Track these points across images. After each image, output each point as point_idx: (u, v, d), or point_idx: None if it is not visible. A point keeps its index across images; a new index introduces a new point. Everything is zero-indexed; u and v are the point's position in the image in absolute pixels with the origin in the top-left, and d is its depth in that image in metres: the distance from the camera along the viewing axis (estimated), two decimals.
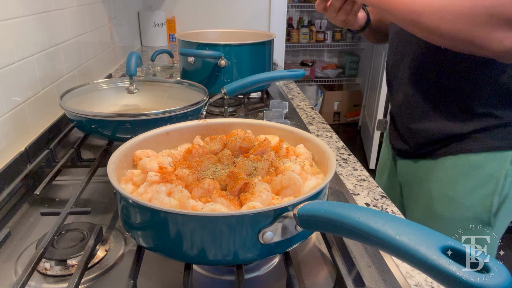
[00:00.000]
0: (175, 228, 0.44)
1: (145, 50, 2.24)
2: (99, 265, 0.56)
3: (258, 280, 0.55)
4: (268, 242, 0.45)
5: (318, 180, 0.54)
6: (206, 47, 1.14)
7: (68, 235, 0.60)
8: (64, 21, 1.11)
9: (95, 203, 0.71)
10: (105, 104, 0.92)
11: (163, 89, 1.02)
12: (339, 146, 0.97)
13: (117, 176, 0.54)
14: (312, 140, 0.63)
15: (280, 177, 0.52)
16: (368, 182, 0.80)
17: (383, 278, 0.53)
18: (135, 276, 0.48)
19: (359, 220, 0.33)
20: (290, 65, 3.91)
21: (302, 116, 1.17)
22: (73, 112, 0.80)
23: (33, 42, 0.92)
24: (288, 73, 0.92)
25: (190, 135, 0.69)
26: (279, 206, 0.44)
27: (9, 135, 0.80)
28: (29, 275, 0.49)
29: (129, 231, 0.50)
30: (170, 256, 0.48)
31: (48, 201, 0.72)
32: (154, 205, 0.45)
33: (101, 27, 1.49)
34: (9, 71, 0.81)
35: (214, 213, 0.45)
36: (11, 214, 0.68)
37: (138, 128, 0.78)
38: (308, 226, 0.40)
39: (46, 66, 0.99)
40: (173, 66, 1.72)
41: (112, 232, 0.63)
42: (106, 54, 1.54)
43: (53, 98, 1.01)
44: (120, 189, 0.47)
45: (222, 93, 0.90)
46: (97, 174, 0.75)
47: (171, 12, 2.55)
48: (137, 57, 0.92)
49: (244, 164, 0.56)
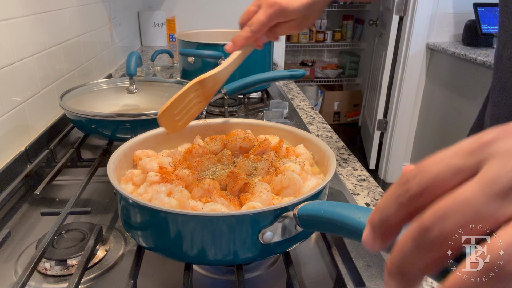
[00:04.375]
0: (175, 228, 0.44)
1: (145, 50, 2.24)
2: (99, 265, 0.56)
3: (258, 280, 0.55)
4: (268, 242, 0.45)
5: (318, 180, 0.54)
6: (206, 47, 1.14)
7: (68, 235, 0.60)
8: (64, 21, 1.11)
9: (95, 203, 0.71)
10: (105, 104, 0.92)
11: (163, 89, 1.02)
12: (339, 146, 0.97)
13: (117, 176, 0.54)
14: (312, 140, 0.63)
15: (280, 177, 0.52)
16: (368, 182, 0.80)
17: (383, 278, 0.53)
18: (135, 276, 0.48)
19: (359, 220, 0.33)
20: (290, 65, 3.91)
21: (302, 116, 1.17)
22: (73, 112, 0.80)
23: (33, 42, 0.92)
24: (288, 73, 0.92)
25: (190, 135, 0.69)
26: (279, 206, 0.44)
27: (9, 135, 0.80)
28: (29, 275, 0.49)
29: (129, 231, 0.50)
30: (170, 256, 0.48)
31: (48, 201, 0.72)
32: (154, 205, 0.45)
33: (101, 27, 1.49)
34: (9, 71, 0.81)
35: (214, 213, 0.45)
36: (11, 214, 0.68)
37: (138, 128, 0.78)
38: (308, 226, 0.40)
39: (46, 66, 0.99)
40: (173, 66, 1.72)
41: (112, 232, 0.63)
42: (106, 54, 1.54)
43: (53, 98, 1.01)
44: (120, 189, 0.47)
45: (222, 93, 0.90)
46: (97, 174, 0.75)
47: (171, 12, 2.55)
48: (137, 57, 0.92)
49: (244, 164, 0.56)
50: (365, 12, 3.83)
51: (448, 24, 2.57)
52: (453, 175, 0.22)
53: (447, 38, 2.60)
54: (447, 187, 0.22)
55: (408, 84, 2.71)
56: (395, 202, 0.23)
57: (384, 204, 0.24)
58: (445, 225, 0.20)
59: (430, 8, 2.53)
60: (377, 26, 3.29)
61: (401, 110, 2.78)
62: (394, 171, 2.93)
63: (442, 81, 2.52)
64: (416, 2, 2.51)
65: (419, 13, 2.53)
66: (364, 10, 3.83)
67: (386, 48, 2.76)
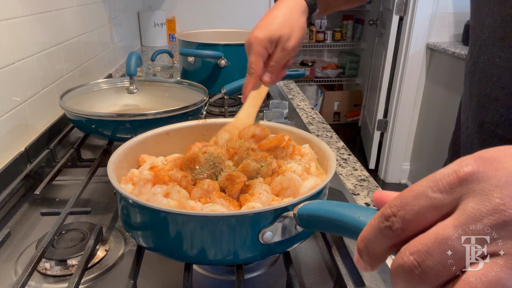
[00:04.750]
0: (175, 228, 0.44)
1: (145, 50, 2.24)
2: (99, 265, 0.56)
3: (258, 280, 0.55)
4: (268, 242, 0.44)
5: (317, 180, 0.53)
6: (206, 47, 1.14)
7: (68, 235, 0.59)
8: (64, 21, 1.11)
9: (95, 203, 0.71)
10: (105, 104, 0.92)
11: (163, 89, 1.02)
12: (339, 146, 0.97)
13: (117, 176, 0.54)
14: (312, 140, 0.63)
15: (280, 178, 0.52)
16: (368, 182, 0.80)
17: (383, 278, 0.53)
18: (135, 276, 0.48)
19: (359, 220, 0.32)
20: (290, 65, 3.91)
21: (302, 116, 1.17)
22: (73, 112, 0.80)
23: (33, 42, 0.92)
24: (288, 73, 0.92)
25: (190, 135, 0.69)
26: (279, 206, 0.44)
27: (9, 135, 0.80)
28: (29, 275, 0.49)
29: (129, 231, 0.50)
30: (170, 256, 0.48)
31: (48, 201, 0.72)
32: (155, 205, 0.45)
33: (101, 27, 1.49)
34: (9, 71, 0.81)
35: (214, 213, 0.45)
36: (11, 214, 0.68)
37: (138, 128, 0.78)
38: (308, 226, 0.40)
39: (46, 66, 0.99)
40: (173, 66, 1.72)
41: (112, 232, 0.63)
42: (106, 54, 1.54)
43: (53, 98, 1.01)
44: (120, 189, 0.47)
45: (222, 93, 0.90)
46: (97, 174, 0.75)
47: (171, 12, 2.56)
48: (137, 57, 0.92)
49: (248, 166, 0.54)
50: (365, 12, 3.83)
51: (448, 24, 2.57)
52: (433, 212, 0.23)
53: (447, 38, 2.60)
54: (428, 223, 0.24)
55: (408, 84, 2.71)
56: (380, 234, 0.25)
57: (368, 235, 0.26)
58: (426, 265, 0.22)
59: (430, 8, 2.53)
60: (377, 26, 3.29)
61: (401, 110, 2.78)
62: (394, 171, 2.93)
63: (442, 81, 2.52)
64: (416, 2, 2.51)
65: (419, 13, 2.53)
66: (364, 10, 3.83)
67: (386, 48, 2.76)
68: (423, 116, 2.77)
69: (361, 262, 0.27)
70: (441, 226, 0.22)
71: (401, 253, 0.23)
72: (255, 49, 0.66)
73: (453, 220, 0.22)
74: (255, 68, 0.67)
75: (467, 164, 0.23)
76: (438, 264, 0.22)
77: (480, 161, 0.23)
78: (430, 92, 2.67)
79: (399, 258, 0.23)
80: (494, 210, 0.21)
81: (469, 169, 0.23)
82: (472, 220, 0.21)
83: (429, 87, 2.69)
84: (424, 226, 0.24)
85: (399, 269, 0.23)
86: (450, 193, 0.23)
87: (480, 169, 0.23)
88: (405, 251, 0.23)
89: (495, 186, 0.22)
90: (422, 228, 0.24)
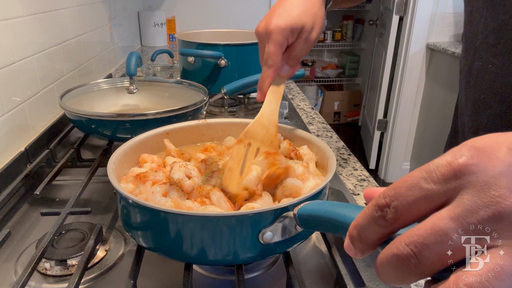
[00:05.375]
0: (175, 228, 0.44)
1: (145, 50, 2.24)
2: (99, 265, 0.56)
3: (258, 280, 0.55)
4: (268, 242, 0.44)
5: (318, 181, 0.54)
6: (206, 47, 1.14)
7: (68, 235, 0.60)
8: (64, 21, 1.11)
9: (95, 203, 0.71)
10: (105, 104, 0.92)
11: (163, 89, 1.02)
12: (339, 146, 0.97)
13: (117, 176, 0.54)
14: (312, 140, 0.63)
15: (281, 189, 0.52)
16: (368, 182, 0.80)
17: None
18: (135, 276, 0.48)
19: None
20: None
21: (302, 116, 1.17)
22: (73, 112, 0.80)
23: (33, 42, 0.92)
24: None
25: (190, 135, 0.69)
26: (279, 206, 0.44)
27: (9, 135, 0.80)
28: (29, 275, 0.49)
29: (129, 231, 0.50)
30: (170, 256, 0.48)
31: (48, 201, 0.72)
32: (155, 205, 0.45)
33: (101, 27, 1.49)
34: (9, 71, 0.81)
35: (214, 213, 0.45)
36: (11, 214, 0.68)
37: (138, 128, 0.78)
38: (308, 226, 0.40)
39: (46, 66, 0.99)
40: (173, 66, 1.72)
41: (112, 232, 0.63)
42: (106, 54, 1.54)
43: (53, 98, 1.01)
44: (120, 189, 0.47)
45: (222, 93, 0.90)
46: (97, 174, 0.75)
47: (171, 12, 2.56)
48: (137, 57, 0.92)
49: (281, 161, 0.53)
50: (365, 12, 3.83)
51: (448, 24, 2.57)
52: (426, 203, 0.23)
53: (447, 38, 2.60)
54: (421, 213, 0.24)
55: (408, 84, 2.71)
56: (373, 223, 0.25)
57: (362, 223, 0.26)
58: (422, 255, 0.22)
59: (430, 8, 2.53)
60: (377, 26, 3.29)
61: (401, 110, 2.78)
62: (394, 171, 2.93)
63: (442, 81, 2.52)
64: (416, 2, 2.51)
65: (419, 13, 2.53)
66: (364, 10, 3.83)
67: (386, 48, 2.76)
68: (423, 116, 2.77)
69: (352, 248, 0.27)
70: (437, 217, 0.22)
71: (395, 243, 0.23)
72: (275, 38, 0.58)
73: (449, 212, 0.22)
74: (275, 59, 0.59)
75: (461, 155, 0.23)
76: (434, 255, 0.22)
77: (474, 151, 0.23)
78: (430, 92, 2.67)
79: (394, 247, 0.23)
80: (490, 202, 0.21)
81: (464, 160, 0.23)
82: (469, 212, 0.21)
83: (429, 87, 2.69)
84: (417, 216, 0.24)
85: (394, 258, 0.23)
86: (444, 184, 0.23)
87: (474, 160, 0.23)
88: (400, 241, 0.23)
89: (490, 176, 0.22)
90: (415, 218, 0.24)
